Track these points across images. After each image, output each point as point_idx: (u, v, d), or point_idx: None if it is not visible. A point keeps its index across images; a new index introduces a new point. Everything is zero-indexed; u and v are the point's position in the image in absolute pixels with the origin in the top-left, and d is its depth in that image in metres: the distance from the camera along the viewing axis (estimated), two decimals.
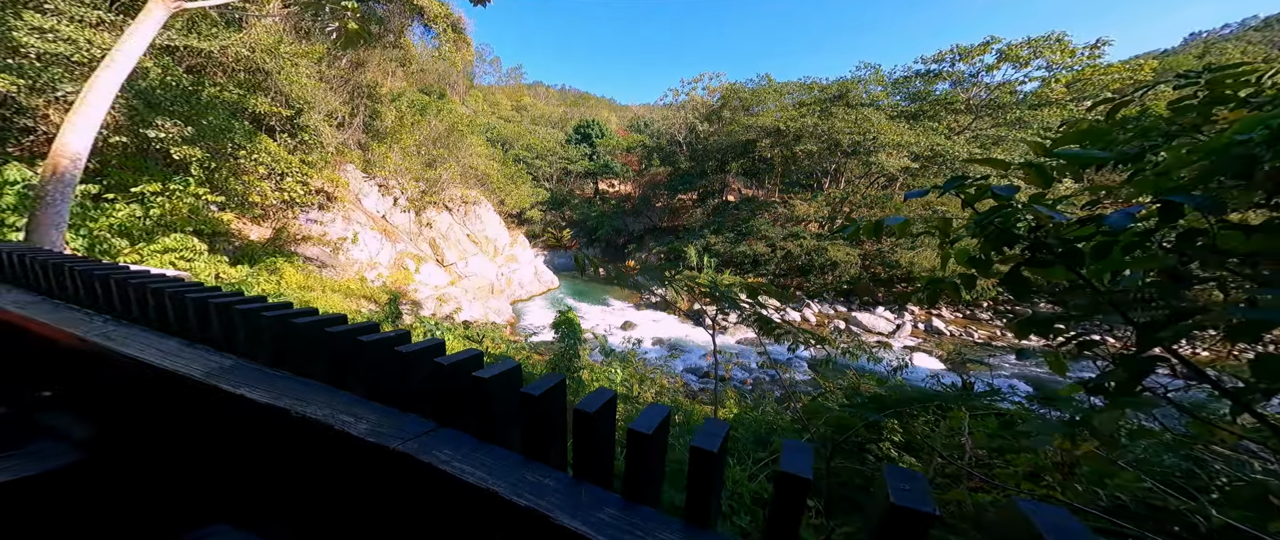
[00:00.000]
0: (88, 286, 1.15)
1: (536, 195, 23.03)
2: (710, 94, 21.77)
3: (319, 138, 10.20)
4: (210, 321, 0.94)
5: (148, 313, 1.04)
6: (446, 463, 0.58)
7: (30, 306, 1.16)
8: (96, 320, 1.07)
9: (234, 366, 0.85)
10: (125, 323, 1.05)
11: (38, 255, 1.33)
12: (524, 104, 41.14)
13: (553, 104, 51.26)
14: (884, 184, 14.95)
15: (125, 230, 5.08)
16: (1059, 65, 12.60)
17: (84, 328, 1.01)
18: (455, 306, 10.30)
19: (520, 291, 15.70)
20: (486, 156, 18.55)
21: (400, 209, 13.98)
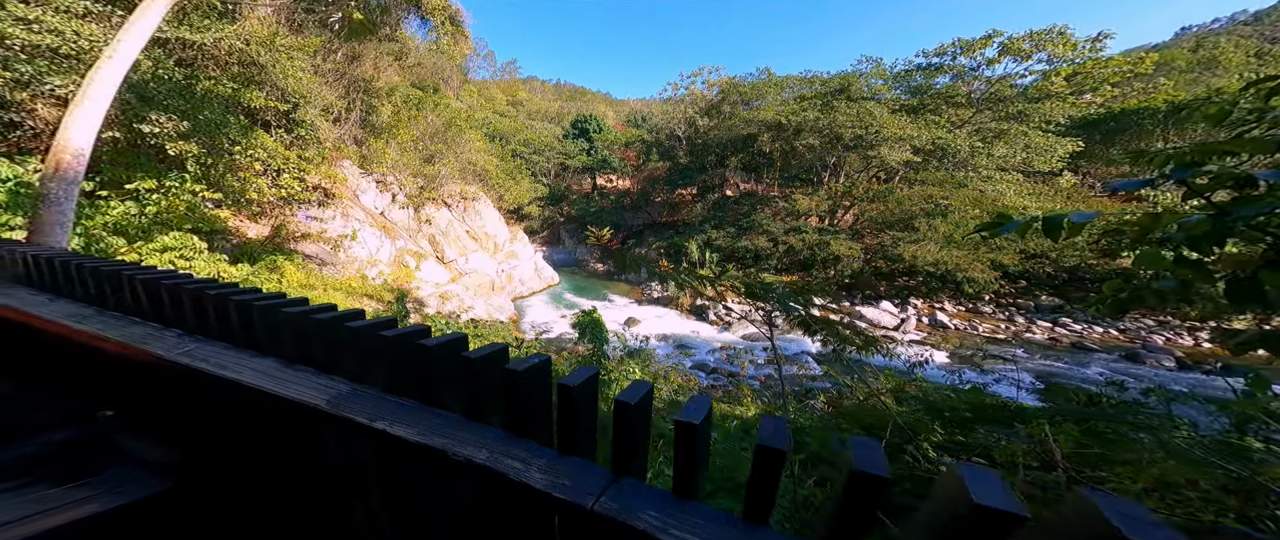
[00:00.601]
0: (154, 297, 1.08)
1: (535, 191, 22.76)
2: (709, 88, 21.58)
3: (315, 133, 9.94)
4: (311, 341, 0.87)
5: (230, 328, 0.96)
6: (663, 531, 0.51)
7: (87, 320, 1.09)
8: (170, 335, 1.01)
9: (351, 393, 0.79)
10: (203, 339, 0.98)
11: (87, 262, 1.25)
12: (520, 99, 40.49)
13: (548, 99, 50.57)
14: (884, 177, 15.02)
15: (121, 228, 4.91)
16: (1060, 58, 12.67)
17: (160, 345, 0.95)
18: (460, 305, 10.20)
19: (521, 288, 15.59)
20: (485, 152, 18.27)
21: (398, 206, 13.74)
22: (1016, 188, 13.18)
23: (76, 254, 1.46)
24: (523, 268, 16.38)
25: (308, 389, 0.80)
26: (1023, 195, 12.89)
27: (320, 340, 0.87)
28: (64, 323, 1.07)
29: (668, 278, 13.02)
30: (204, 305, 1.01)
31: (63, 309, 1.18)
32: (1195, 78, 19.15)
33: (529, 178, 23.81)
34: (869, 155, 14.03)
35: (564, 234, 27.83)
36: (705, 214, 18.63)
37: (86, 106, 3.20)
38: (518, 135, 25.63)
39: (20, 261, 1.40)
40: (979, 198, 12.42)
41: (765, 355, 8.27)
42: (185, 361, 0.89)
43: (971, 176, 13.39)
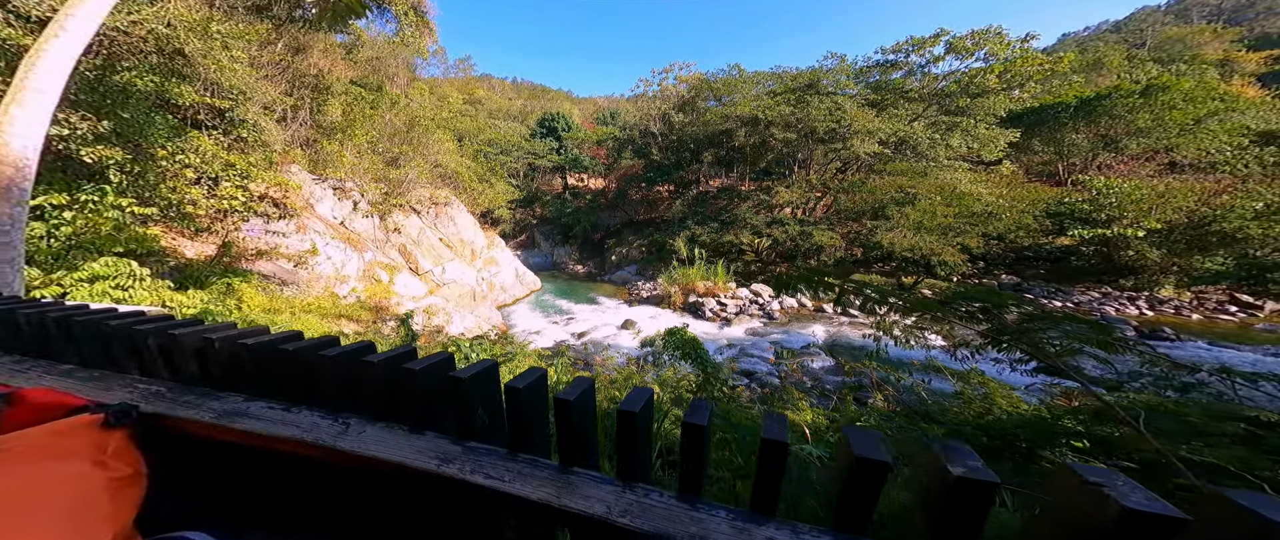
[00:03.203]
0: (269, 367, 0.83)
1: (509, 193, 21.78)
2: (680, 84, 21.73)
3: (260, 134, 8.72)
4: (443, 405, 0.75)
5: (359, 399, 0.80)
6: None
7: (189, 405, 0.77)
8: (318, 417, 0.76)
9: (465, 452, 0.69)
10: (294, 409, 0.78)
11: (173, 326, 0.95)
12: (478, 97, 38.55)
13: (508, 97, 48.73)
14: (856, 169, 15.89)
15: (28, 256, 3.96)
16: (996, 56, 13.99)
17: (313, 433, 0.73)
18: (446, 319, 9.46)
19: (504, 296, 14.84)
20: (455, 154, 17.17)
21: (361, 214, 12.51)
22: (969, 177, 14.47)
23: (83, 306, 1.08)
24: (504, 274, 15.59)
25: (423, 454, 0.69)
26: (975, 183, 14.18)
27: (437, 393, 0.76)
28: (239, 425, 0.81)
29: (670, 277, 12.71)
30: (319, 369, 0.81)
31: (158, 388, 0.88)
32: (1086, 78, 22.00)
33: (504, 179, 22.75)
34: (840, 148, 14.76)
35: (538, 236, 26.94)
36: (686, 210, 18.71)
37: (28, 101, 2.47)
38: (481, 135, 24.35)
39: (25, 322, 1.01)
40: (941, 187, 13.52)
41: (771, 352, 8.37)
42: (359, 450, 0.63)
43: (931, 166, 14.52)
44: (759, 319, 11.18)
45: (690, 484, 0.62)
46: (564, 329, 11.46)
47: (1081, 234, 11.51)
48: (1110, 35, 56.09)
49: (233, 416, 0.77)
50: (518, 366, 5.66)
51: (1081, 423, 1.68)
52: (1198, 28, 41.37)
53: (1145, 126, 15.54)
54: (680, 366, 4.48)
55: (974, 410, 2.34)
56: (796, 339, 9.12)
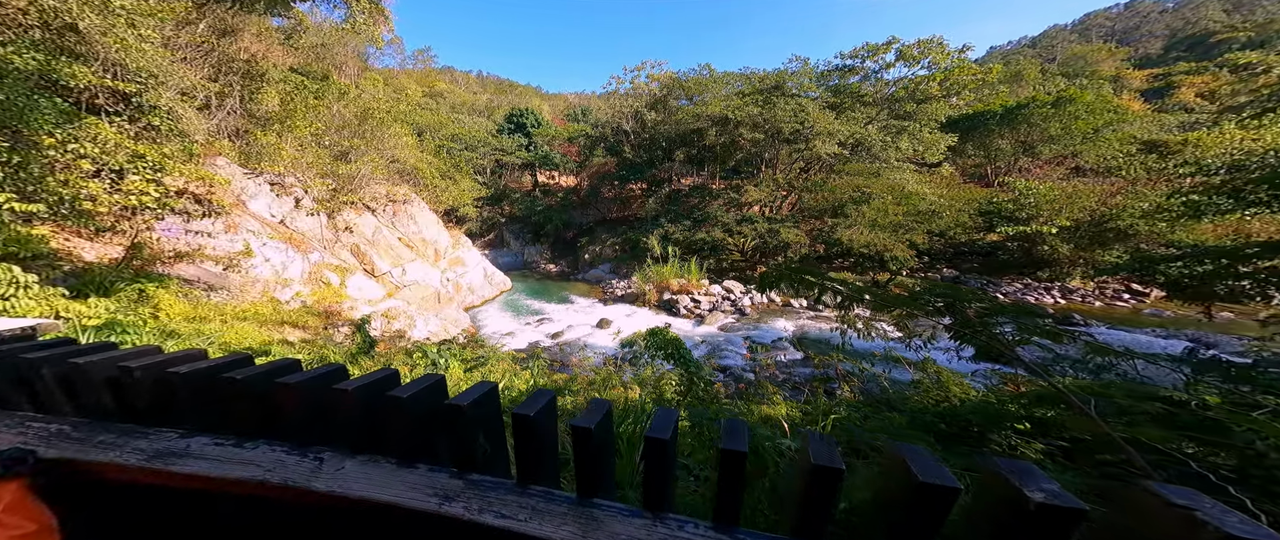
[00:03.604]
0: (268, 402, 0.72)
1: (475, 190, 20.80)
2: (652, 82, 21.76)
3: (177, 123, 7.64)
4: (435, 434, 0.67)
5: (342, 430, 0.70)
6: None
7: (191, 459, 0.64)
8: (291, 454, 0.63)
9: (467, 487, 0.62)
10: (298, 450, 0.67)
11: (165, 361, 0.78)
12: (440, 90, 36.36)
13: (473, 91, 46.42)
14: (818, 168, 16.74)
15: None
16: (937, 65, 15.24)
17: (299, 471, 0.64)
18: (407, 323, 8.87)
19: (472, 297, 14.19)
20: (414, 149, 16.08)
21: (305, 212, 11.40)
22: (915, 177, 15.73)
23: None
24: (471, 275, 14.88)
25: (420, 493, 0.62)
26: (920, 183, 15.44)
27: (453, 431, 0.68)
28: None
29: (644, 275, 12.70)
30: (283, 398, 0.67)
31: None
32: (1009, 88, 24.65)
33: (470, 176, 21.67)
34: (803, 148, 15.47)
35: (507, 235, 26.02)
36: (659, 208, 18.83)
37: None
38: (443, 129, 23.02)
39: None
40: (892, 187, 14.58)
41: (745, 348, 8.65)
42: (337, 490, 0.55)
43: (883, 168, 15.62)
44: (731, 315, 11.51)
45: (726, 513, 0.58)
46: (537, 330, 11.16)
47: (1007, 231, 12.91)
48: (1028, 50, 63.54)
49: (168, 458, 0.65)
50: (492, 371, 5.40)
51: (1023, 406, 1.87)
52: (1096, 46, 47.69)
53: (1056, 134, 17.69)
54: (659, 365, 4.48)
55: (931, 398, 2.56)
56: (767, 333, 9.49)
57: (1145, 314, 9.92)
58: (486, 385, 0.68)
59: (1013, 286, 12.42)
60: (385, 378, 0.73)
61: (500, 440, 0.70)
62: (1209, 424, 1.10)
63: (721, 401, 3.67)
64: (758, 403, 3.32)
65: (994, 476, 0.46)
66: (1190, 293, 3.78)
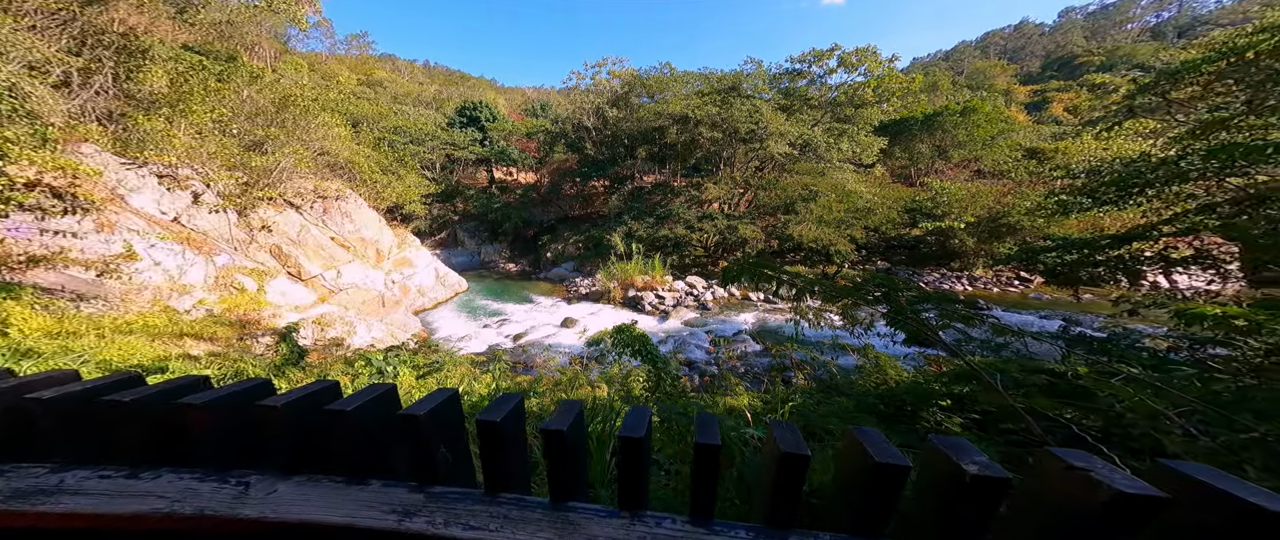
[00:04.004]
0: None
1: (422, 186, 19.23)
2: (613, 78, 21.53)
3: (24, 102, 6.13)
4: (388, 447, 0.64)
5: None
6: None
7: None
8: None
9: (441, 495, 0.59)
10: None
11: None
12: (379, 79, 32.82)
13: (419, 81, 42.51)
14: (771, 167, 17.73)
15: None
16: (872, 73, 16.74)
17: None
18: (347, 330, 8.02)
19: (422, 300, 13.17)
20: (348, 140, 14.43)
21: (208, 208, 9.77)
22: (854, 177, 17.27)
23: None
24: (421, 276, 13.79)
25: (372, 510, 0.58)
26: (858, 183, 16.98)
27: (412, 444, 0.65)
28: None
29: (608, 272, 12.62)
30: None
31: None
32: (928, 98, 27.85)
33: (416, 171, 19.93)
34: (758, 148, 16.28)
35: (462, 234, 24.46)
36: (622, 206, 18.79)
37: None
38: (384, 121, 20.91)
39: None
40: (835, 186, 15.87)
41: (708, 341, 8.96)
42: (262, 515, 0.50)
43: (827, 168, 16.95)
44: (694, 310, 11.86)
45: (702, 507, 0.59)
46: (497, 332, 10.65)
47: (927, 226, 14.70)
48: (942, 62, 72.58)
49: (33, 497, 0.53)
50: (448, 376, 5.09)
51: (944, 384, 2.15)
52: (993, 63, 55.55)
53: (963, 140, 20.38)
54: (625, 363, 4.50)
55: (872, 381, 2.86)
56: (729, 327, 9.92)
57: (1031, 297, 11.89)
58: (446, 392, 0.66)
59: (932, 276, 14.19)
60: (323, 390, 0.68)
61: (464, 449, 0.67)
62: (1080, 391, 1.36)
63: (688, 396, 3.79)
64: (722, 395, 3.47)
65: (934, 452, 0.52)
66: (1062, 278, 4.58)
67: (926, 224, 14.77)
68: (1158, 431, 1.09)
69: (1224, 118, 6.13)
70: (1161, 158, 5.49)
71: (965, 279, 13.86)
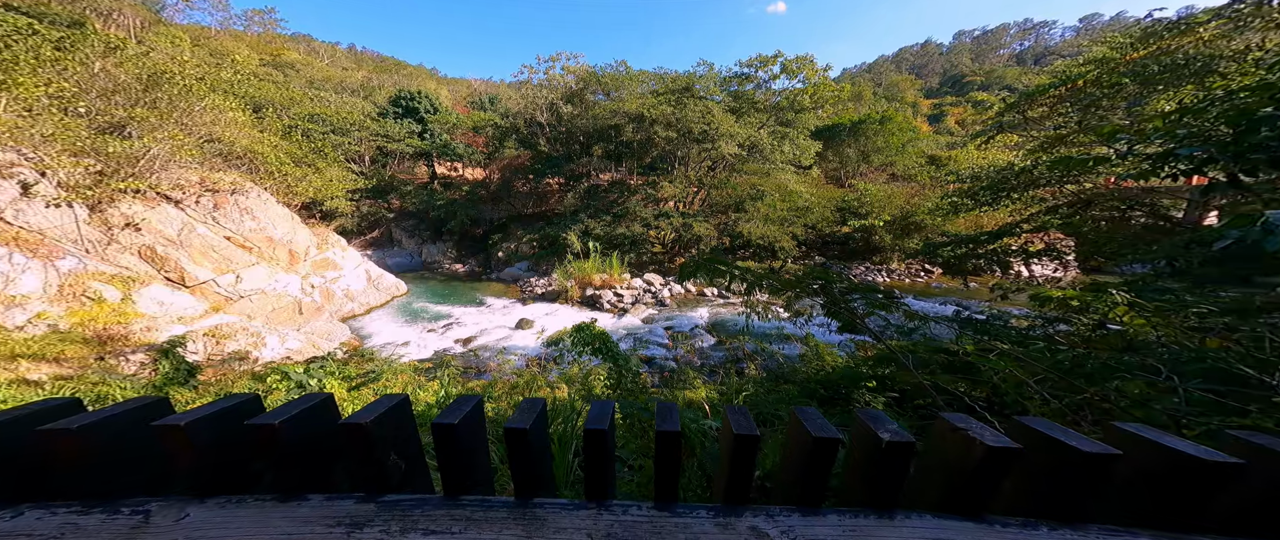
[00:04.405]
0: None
1: (347, 181, 17.07)
2: (567, 74, 20.90)
3: None
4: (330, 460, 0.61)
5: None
6: None
7: None
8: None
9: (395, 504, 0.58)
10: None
11: None
12: (289, 61, 28.25)
13: (343, 66, 37.39)
14: (722, 167, 18.56)
15: None
16: (809, 80, 18.20)
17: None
18: (254, 341, 6.92)
19: (352, 306, 11.78)
20: (248, 126, 12.30)
21: (45, 201, 7.74)
22: (795, 178, 18.76)
23: None
24: (349, 279, 12.29)
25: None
26: (799, 183, 18.49)
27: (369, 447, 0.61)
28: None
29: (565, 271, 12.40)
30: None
31: None
32: (854, 106, 31.09)
33: (340, 164, 17.60)
34: (710, 148, 16.94)
35: (399, 233, 22.24)
36: (578, 203, 18.42)
37: None
38: (296, 107, 18.15)
39: None
40: (779, 186, 17.12)
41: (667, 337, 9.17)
42: None
43: (772, 169, 18.20)
44: (653, 306, 12.08)
45: (666, 491, 0.62)
46: (444, 336, 9.90)
47: (854, 224, 16.52)
48: (866, 74, 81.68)
49: None
50: (388, 386, 4.68)
51: (870, 367, 2.46)
52: (904, 77, 63.76)
53: (880, 146, 23.16)
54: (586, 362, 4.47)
55: (814, 368, 3.18)
56: (686, 322, 10.26)
57: (933, 286, 13.97)
58: (396, 398, 0.63)
59: (859, 269, 16.01)
60: (243, 403, 0.63)
61: (417, 458, 0.64)
62: (969, 366, 1.67)
63: (649, 392, 3.88)
64: (681, 388, 3.60)
65: (859, 424, 0.62)
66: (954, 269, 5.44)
67: (854, 222, 16.58)
68: (1022, 397, 1.38)
69: (1063, 134, 7.76)
70: (1021, 167, 6.86)
71: (885, 271, 15.84)
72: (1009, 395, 1.45)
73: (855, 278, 14.64)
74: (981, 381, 1.62)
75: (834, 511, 0.58)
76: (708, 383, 3.67)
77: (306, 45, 43.30)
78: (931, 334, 2.55)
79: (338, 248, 13.36)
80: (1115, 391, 1.23)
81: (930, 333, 2.55)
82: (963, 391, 1.63)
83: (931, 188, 18.19)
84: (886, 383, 2.19)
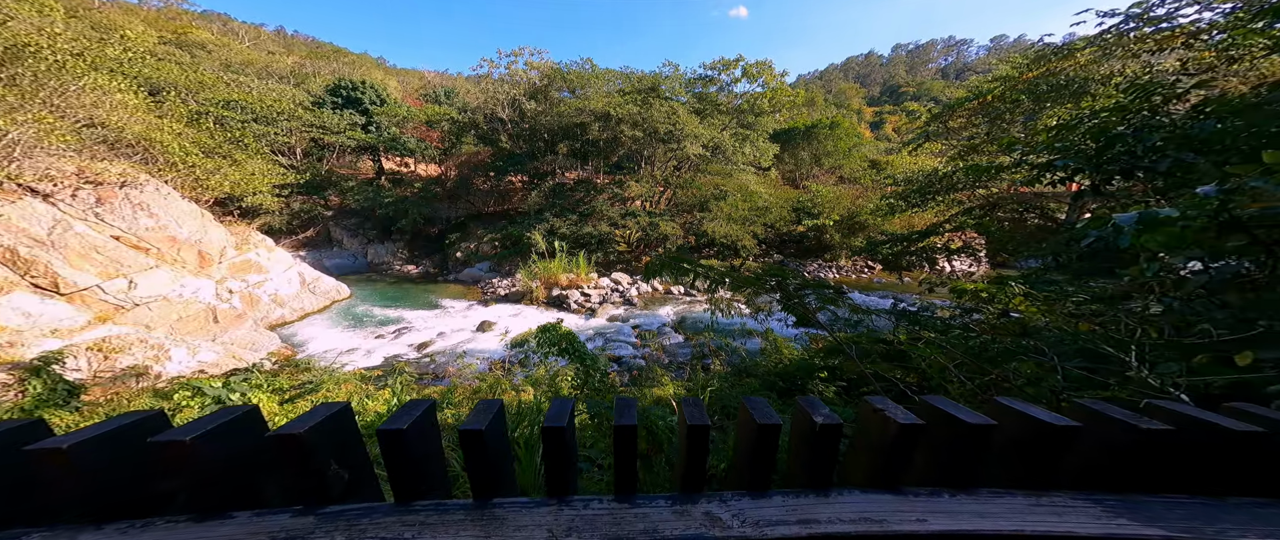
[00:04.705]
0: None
1: (272, 174, 15.22)
2: (531, 70, 20.18)
3: None
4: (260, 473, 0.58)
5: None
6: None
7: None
8: None
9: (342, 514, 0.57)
10: None
11: None
12: (201, 41, 24.40)
13: (268, 49, 32.89)
14: (687, 167, 18.94)
15: None
16: (768, 84, 19.07)
17: None
18: (153, 354, 5.99)
19: (282, 312, 10.59)
20: (142, 110, 10.55)
21: None
22: (755, 179, 19.64)
23: None
24: (278, 283, 11.00)
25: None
26: (759, 184, 19.39)
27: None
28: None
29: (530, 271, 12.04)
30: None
31: None
32: (807, 111, 33.05)
33: (263, 157, 15.62)
34: (676, 148, 17.22)
35: (340, 232, 20.29)
36: (543, 202, 17.90)
37: None
38: (207, 92, 15.79)
39: None
40: (741, 186, 17.82)
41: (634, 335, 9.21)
42: None
43: (734, 170, 18.90)
44: (621, 306, 12.07)
45: (625, 484, 0.63)
46: (396, 342, 9.21)
47: (808, 223, 17.67)
48: (817, 82, 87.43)
49: None
50: (330, 396, 4.30)
51: (822, 359, 2.66)
52: (850, 86, 69.03)
53: (830, 150, 24.95)
54: (552, 363, 4.38)
55: (773, 361, 3.38)
56: (654, 321, 10.37)
57: (875, 282, 15.35)
58: (334, 406, 0.60)
59: (813, 266, 17.17)
60: (141, 421, 0.59)
61: (364, 466, 0.61)
62: (903, 355, 1.88)
63: (618, 390, 3.89)
64: (649, 386, 3.65)
65: (799, 410, 0.68)
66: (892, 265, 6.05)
67: (808, 221, 17.73)
68: (944, 380, 1.59)
69: (976, 144, 8.89)
70: (943, 172, 7.80)
71: (834, 267, 17.14)
72: (934, 379, 1.66)
73: (809, 274, 15.68)
74: (913, 368, 1.84)
75: (779, 493, 0.62)
76: (676, 379, 3.76)
77: (222, 25, 37.85)
78: (873, 326, 2.80)
79: (262, 248, 11.87)
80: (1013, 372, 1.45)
81: (872, 325, 2.80)
82: (898, 378, 1.83)
83: (873, 190, 19.91)
84: (837, 373, 2.39)
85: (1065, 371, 1.38)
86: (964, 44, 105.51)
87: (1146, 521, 0.55)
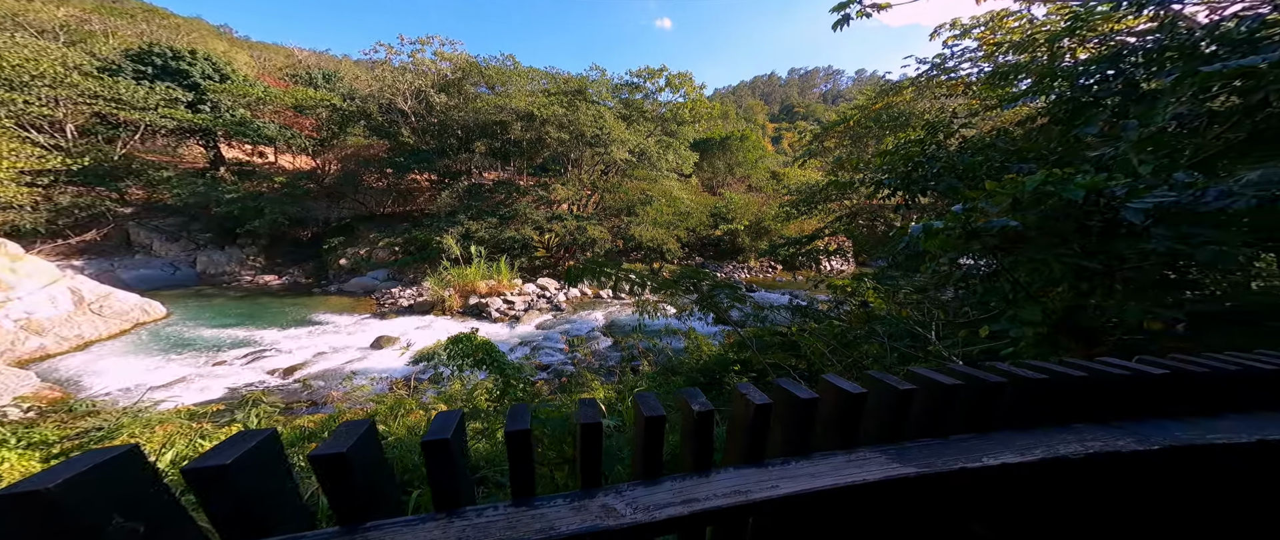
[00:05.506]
0: None
1: (18, 157, 10.72)
2: (441, 61, 17.99)
3: None
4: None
5: None
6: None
7: None
8: None
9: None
10: None
11: None
12: None
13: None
14: (615, 172, 19.12)
15: None
16: (689, 95, 20.36)
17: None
18: None
19: (42, 342, 7.64)
20: None
21: None
22: (678, 185, 20.88)
23: None
24: (31, 302, 7.85)
25: None
26: (681, 191, 20.66)
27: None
28: None
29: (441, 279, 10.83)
30: None
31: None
32: (723, 124, 36.34)
33: (7, 135, 10.83)
34: (603, 152, 17.27)
35: (147, 235, 15.39)
36: (457, 203, 16.13)
37: None
38: None
39: None
40: (665, 191, 18.73)
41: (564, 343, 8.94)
42: None
43: (659, 176, 19.78)
44: (548, 312, 11.58)
45: (522, 488, 0.64)
46: (249, 368, 7.33)
47: (724, 228, 19.52)
48: (729, 96, 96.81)
49: None
50: (142, 437, 3.28)
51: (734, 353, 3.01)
52: (756, 102, 78.24)
53: (741, 160, 27.99)
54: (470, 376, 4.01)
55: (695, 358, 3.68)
56: (583, 326, 10.20)
57: (777, 281, 17.70)
58: (114, 451, 0.49)
59: (728, 268, 18.99)
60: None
61: (173, 517, 0.51)
62: (795, 344, 2.28)
63: (544, 398, 3.76)
64: (578, 391, 3.62)
65: (680, 401, 0.77)
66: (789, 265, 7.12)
67: (724, 226, 19.56)
68: (824, 364, 1.99)
69: (843, 162, 11.01)
70: (821, 185, 9.48)
71: (746, 269, 19.24)
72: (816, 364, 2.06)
73: (724, 275, 17.31)
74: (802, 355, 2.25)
75: (669, 478, 0.69)
76: (606, 383, 3.81)
77: None
78: (774, 320, 3.27)
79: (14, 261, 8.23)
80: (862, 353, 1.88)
81: (774, 319, 3.27)
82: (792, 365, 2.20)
83: (774, 198, 22.92)
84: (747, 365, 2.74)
85: (897, 349, 1.84)
86: (838, 73, 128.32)
87: (907, 461, 0.74)
